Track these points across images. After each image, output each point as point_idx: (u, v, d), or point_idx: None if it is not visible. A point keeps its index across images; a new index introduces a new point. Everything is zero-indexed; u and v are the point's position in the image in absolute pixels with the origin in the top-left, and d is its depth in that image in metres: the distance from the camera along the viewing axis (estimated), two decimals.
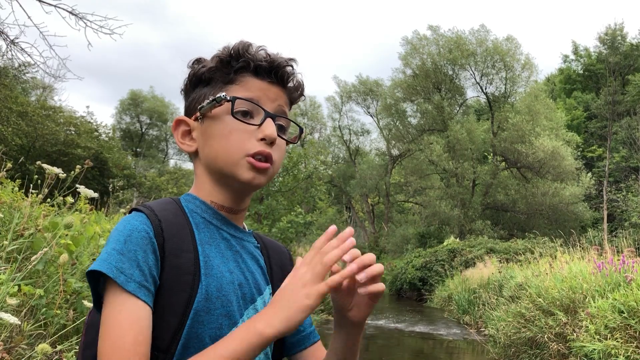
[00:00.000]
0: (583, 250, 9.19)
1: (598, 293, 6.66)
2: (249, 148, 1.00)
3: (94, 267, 0.90)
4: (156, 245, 0.93)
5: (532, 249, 13.13)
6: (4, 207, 3.60)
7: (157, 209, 0.99)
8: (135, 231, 0.93)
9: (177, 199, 1.06)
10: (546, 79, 45.08)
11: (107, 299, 0.90)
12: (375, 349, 10.14)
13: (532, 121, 29.22)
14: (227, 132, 1.01)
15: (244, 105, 1.01)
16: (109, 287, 0.90)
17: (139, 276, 0.90)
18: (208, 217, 1.04)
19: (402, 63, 34.46)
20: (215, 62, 1.04)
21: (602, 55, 39.83)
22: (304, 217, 13.24)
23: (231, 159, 1.00)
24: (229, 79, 1.03)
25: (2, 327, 2.49)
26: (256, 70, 1.03)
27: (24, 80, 23.69)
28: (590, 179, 30.50)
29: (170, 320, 0.92)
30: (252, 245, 1.11)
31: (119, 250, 0.90)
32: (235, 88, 1.03)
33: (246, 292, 1.03)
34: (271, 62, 1.04)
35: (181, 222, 1.00)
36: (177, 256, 0.95)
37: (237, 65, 1.03)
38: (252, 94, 1.02)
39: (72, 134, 20.93)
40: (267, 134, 1.00)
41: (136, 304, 0.89)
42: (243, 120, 1.00)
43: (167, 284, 0.93)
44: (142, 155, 48.29)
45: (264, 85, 1.04)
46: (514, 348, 8.08)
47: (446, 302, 16.45)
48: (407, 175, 35.29)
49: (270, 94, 1.04)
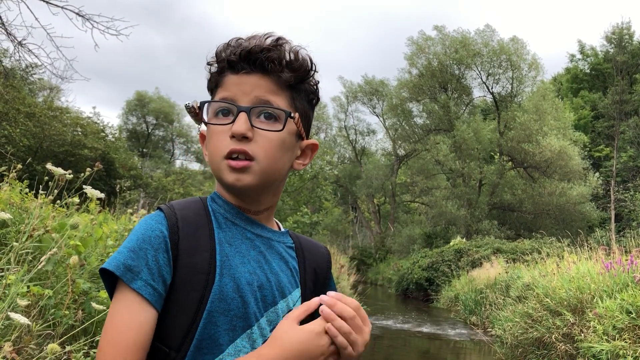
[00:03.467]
0: (590, 250, 9.16)
1: (606, 293, 6.63)
2: (223, 149, 0.98)
3: (104, 265, 0.91)
4: (169, 245, 0.93)
5: (539, 249, 13.09)
6: (13, 208, 3.62)
7: (178, 207, 1.00)
8: (149, 230, 0.94)
9: (205, 198, 1.06)
10: (553, 78, 44.86)
11: (115, 295, 0.91)
12: (381, 349, 10.13)
13: (539, 120, 29.09)
14: (209, 137, 1.02)
15: (219, 107, 1.00)
16: (118, 284, 0.91)
17: (146, 274, 0.90)
18: (231, 217, 1.03)
19: (408, 63, 34.40)
20: (208, 69, 1.05)
21: (609, 55, 39.60)
22: (310, 217, 13.26)
23: (215, 164, 1.00)
24: (217, 83, 1.03)
25: (12, 328, 2.51)
26: (231, 66, 1.00)
27: (31, 82, 23.83)
28: (597, 179, 30.34)
29: (182, 319, 0.92)
30: (283, 246, 1.08)
31: (130, 248, 0.92)
32: (218, 91, 1.02)
33: (267, 294, 1.00)
34: (240, 53, 0.99)
35: (201, 221, 0.99)
36: (191, 255, 0.95)
37: (218, 68, 1.03)
38: (228, 92, 1.00)
39: (79, 134, 21.02)
40: (233, 130, 0.97)
41: (140, 304, 0.89)
42: (216, 123, 0.99)
43: (180, 283, 0.93)
44: (149, 155, 48.46)
45: (239, 79, 1.00)
46: (521, 348, 8.05)
47: (453, 303, 16.42)
48: (413, 176, 35.21)
49: (245, 87, 1.00)
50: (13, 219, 3.40)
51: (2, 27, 8.72)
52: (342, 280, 14.23)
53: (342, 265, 15.55)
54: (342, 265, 15.49)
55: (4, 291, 2.54)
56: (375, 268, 32.83)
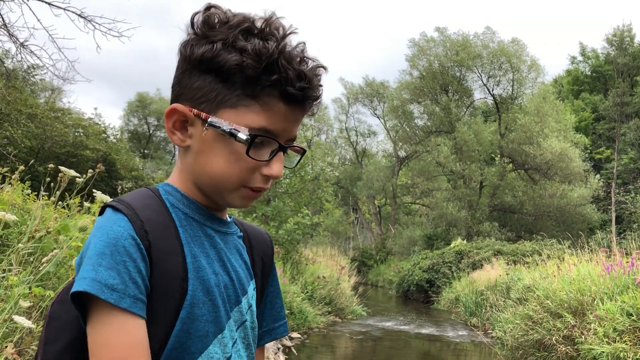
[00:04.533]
0: (591, 252, 9.15)
1: (607, 295, 6.63)
2: (250, 181, 0.91)
3: (78, 287, 0.79)
4: (144, 253, 0.84)
5: (539, 251, 13.10)
6: (15, 209, 3.63)
7: (138, 206, 0.88)
8: (121, 239, 0.82)
9: (156, 190, 0.95)
10: (554, 80, 44.86)
11: (98, 319, 0.80)
12: (382, 350, 10.13)
13: (540, 122, 29.09)
14: (233, 159, 0.90)
15: (260, 138, 0.89)
16: (96, 306, 0.80)
17: (133, 290, 0.80)
18: (190, 213, 0.94)
19: (409, 65, 34.43)
20: (237, 61, 0.85)
21: (610, 57, 39.61)
22: (311, 218, 13.24)
23: (229, 186, 0.92)
24: (252, 93, 0.88)
25: (15, 330, 2.52)
26: (286, 94, 0.88)
27: (33, 83, 23.86)
28: (598, 181, 30.32)
29: (160, 330, 0.84)
30: (235, 237, 1.02)
31: (106, 265, 0.80)
32: (256, 108, 0.88)
33: (231, 294, 0.94)
34: (305, 89, 0.89)
35: (165, 220, 0.90)
36: (164, 260, 0.86)
37: (266, 82, 0.87)
38: (272, 124, 0.89)
39: (80, 135, 21.02)
40: (274, 173, 0.91)
41: (134, 322, 0.80)
42: (254, 158, 0.89)
43: (157, 291, 0.85)
44: (150, 156, 48.49)
45: (288, 113, 0.90)
46: (521, 350, 8.05)
47: (453, 304, 16.41)
48: (414, 177, 35.21)
49: (290, 124, 0.92)
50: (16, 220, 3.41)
51: (4, 29, 8.74)
52: (342, 282, 14.22)
53: (343, 266, 15.54)
54: (342, 266, 15.48)
55: (6, 292, 2.55)
56: (376, 269, 32.82)
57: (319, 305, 12.39)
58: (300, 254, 13.87)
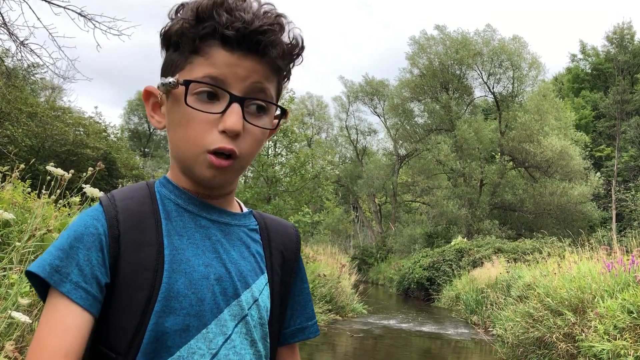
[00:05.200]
0: (592, 250, 9.16)
1: (607, 293, 6.63)
2: (208, 143, 0.85)
3: (29, 267, 0.81)
4: (105, 242, 0.83)
5: (540, 249, 13.10)
6: (16, 207, 3.64)
7: (120, 197, 0.89)
8: (82, 227, 0.84)
9: (152, 183, 0.95)
10: (554, 78, 44.86)
11: (47, 301, 0.81)
12: (382, 348, 10.14)
13: (540, 120, 29.09)
14: (185, 120, 0.86)
15: (206, 87, 0.85)
16: (50, 288, 0.81)
17: (76, 276, 0.80)
18: (182, 204, 0.92)
19: (409, 63, 34.43)
20: (179, 24, 0.86)
21: (610, 54, 39.58)
22: (311, 216, 13.26)
23: (190, 153, 0.87)
24: (194, 47, 0.85)
25: (14, 327, 2.52)
26: (223, 38, 0.84)
27: (33, 81, 23.85)
28: (598, 179, 30.32)
29: (128, 321, 0.82)
30: (244, 230, 0.98)
31: (59, 247, 0.82)
32: (199, 61, 0.85)
33: (227, 286, 0.90)
34: (242, 31, 0.83)
35: (146, 211, 0.89)
36: (135, 251, 0.85)
37: (202, 31, 0.84)
38: (216, 70, 0.84)
39: (81, 134, 21.04)
40: (228, 126, 0.84)
41: (68, 308, 0.79)
42: (201, 110, 0.84)
43: (123, 282, 0.83)
44: (150, 155, 48.48)
45: (233, 60, 0.85)
46: (522, 348, 8.06)
47: (454, 302, 16.42)
48: (414, 175, 35.21)
49: (240, 70, 0.85)
50: (15, 219, 3.41)
51: (4, 27, 8.73)
52: (343, 280, 14.22)
53: (343, 264, 15.53)
54: (343, 264, 15.47)
55: (7, 290, 2.56)
56: (376, 268, 32.83)
57: (320, 304, 12.39)
58: (301, 253, 13.86)
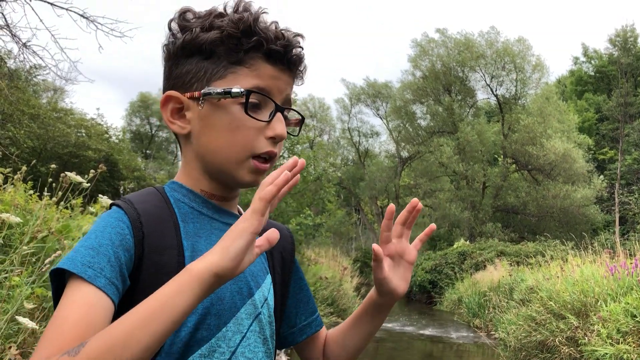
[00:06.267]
0: (595, 253, 9.13)
1: (610, 297, 6.61)
2: (257, 147, 0.90)
3: (59, 264, 0.80)
4: (131, 243, 0.84)
5: (543, 252, 13.08)
6: (17, 209, 3.63)
7: (137, 201, 0.90)
8: (109, 227, 0.84)
9: (161, 188, 0.97)
10: (557, 80, 44.80)
11: (67, 291, 0.79)
12: (384, 351, 10.11)
13: (543, 123, 29.04)
14: (234, 126, 0.90)
15: (254, 98, 0.90)
16: (71, 283, 0.79)
17: (109, 272, 0.80)
18: (197, 207, 0.94)
19: (412, 65, 34.41)
20: (218, 34, 0.89)
21: (613, 57, 39.54)
22: (313, 219, 13.22)
23: (235, 157, 0.90)
24: (237, 59, 0.90)
25: (18, 331, 2.51)
26: (269, 53, 0.90)
27: (35, 83, 23.89)
28: (602, 182, 30.24)
29: None
30: None
31: (89, 245, 0.81)
32: (244, 72, 0.90)
33: (242, 286, 0.94)
34: (286, 46, 0.91)
35: (164, 214, 0.90)
36: (159, 253, 0.86)
37: (248, 45, 0.89)
38: (263, 82, 0.90)
39: (83, 136, 21.06)
40: (278, 133, 0.91)
41: (102, 299, 0.78)
42: (254, 117, 0.89)
43: (146, 284, 0.83)
44: (152, 157, 48.55)
45: (276, 73, 0.92)
46: (524, 352, 8.03)
47: (456, 305, 16.39)
48: (416, 178, 35.18)
49: (280, 83, 0.93)
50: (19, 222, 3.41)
51: (6, 29, 8.74)
52: (345, 283, 14.21)
53: (345, 267, 15.52)
54: (345, 267, 15.46)
55: (9, 292, 2.55)
56: None
57: (322, 306, 12.36)
58: (303, 254, 13.86)
